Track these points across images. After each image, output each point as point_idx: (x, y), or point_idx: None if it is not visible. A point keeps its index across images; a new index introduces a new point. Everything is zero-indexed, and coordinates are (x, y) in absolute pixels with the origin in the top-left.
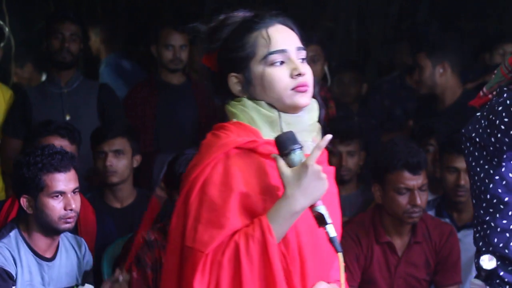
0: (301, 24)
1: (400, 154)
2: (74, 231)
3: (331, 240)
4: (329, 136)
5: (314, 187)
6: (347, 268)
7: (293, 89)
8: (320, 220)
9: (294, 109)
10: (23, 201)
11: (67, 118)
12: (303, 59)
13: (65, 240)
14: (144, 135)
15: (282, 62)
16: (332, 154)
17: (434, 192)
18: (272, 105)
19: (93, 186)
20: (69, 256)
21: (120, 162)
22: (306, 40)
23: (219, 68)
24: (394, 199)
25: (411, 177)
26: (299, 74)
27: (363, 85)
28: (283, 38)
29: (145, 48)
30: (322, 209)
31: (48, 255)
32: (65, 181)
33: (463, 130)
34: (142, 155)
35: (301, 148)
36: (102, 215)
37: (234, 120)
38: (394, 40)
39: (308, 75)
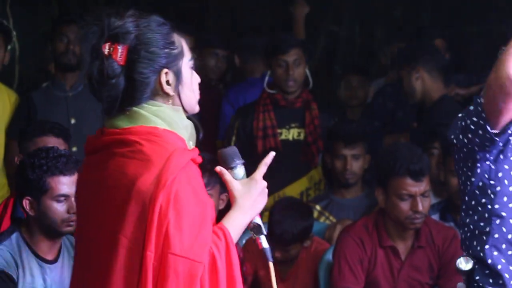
0: (305, 27)
1: (403, 160)
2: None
3: (264, 250)
4: (272, 153)
5: (260, 201)
6: (351, 271)
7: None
8: (258, 230)
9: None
10: (26, 203)
11: (72, 121)
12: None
13: (67, 243)
14: None
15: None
16: (337, 158)
17: (438, 196)
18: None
19: None
20: (71, 259)
21: None
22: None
23: (145, 63)
24: (396, 205)
25: (413, 183)
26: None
27: (370, 89)
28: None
29: None
30: (258, 220)
31: (50, 257)
32: (69, 184)
33: (448, 134)
34: None
35: (243, 163)
36: None
37: (161, 127)
38: (398, 44)
39: None
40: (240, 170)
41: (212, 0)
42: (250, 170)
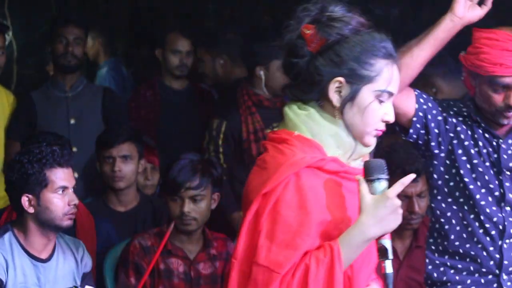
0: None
1: (398, 161)
2: (72, 235)
3: (385, 275)
4: (412, 175)
5: (389, 220)
6: None
7: (375, 129)
8: (383, 253)
9: (365, 144)
10: (24, 200)
11: (72, 122)
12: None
13: (62, 242)
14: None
15: (384, 101)
16: None
17: None
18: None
19: (94, 190)
20: (66, 258)
21: (128, 167)
22: None
23: (327, 62)
24: None
25: (409, 184)
26: (386, 121)
27: None
28: (397, 82)
29: (148, 51)
30: (387, 243)
31: (44, 256)
32: (67, 176)
33: None
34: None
35: (387, 179)
36: (100, 218)
37: (296, 132)
38: (396, 43)
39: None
40: (380, 185)
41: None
42: (240, 175)
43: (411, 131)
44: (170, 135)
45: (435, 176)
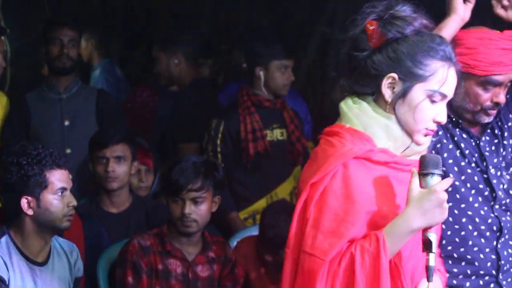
0: (297, 29)
1: None
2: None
3: (428, 268)
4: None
5: (433, 213)
6: None
7: (425, 128)
8: (427, 246)
9: (416, 142)
10: (23, 202)
11: (66, 123)
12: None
13: (57, 245)
14: (143, 139)
15: (437, 102)
16: None
17: None
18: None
19: (88, 191)
20: (61, 261)
21: (121, 168)
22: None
23: (384, 58)
24: None
25: None
26: (437, 122)
27: None
28: (451, 85)
29: (143, 52)
30: (432, 236)
31: (40, 259)
32: (66, 177)
33: None
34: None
35: (441, 175)
36: (90, 220)
37: (348, 125)
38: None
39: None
40: (432, 180)
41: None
42: (238, 175)
43: None
44: (166, 137)
45: None
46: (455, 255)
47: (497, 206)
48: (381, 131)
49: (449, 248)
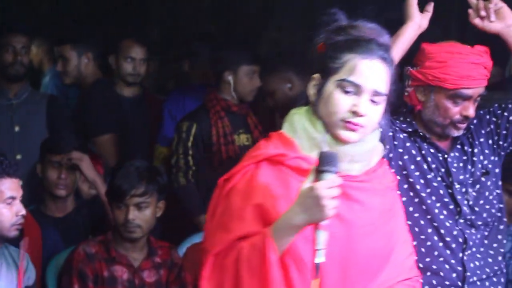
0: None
1: None
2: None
3: (315, 264)
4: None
5: (313, 210)
6: None
7: (343, 121)
8: (316, 243)
9: (340, 140)
10: None
11: (16, 129)
12: (374, 101)
13: (7, 254)
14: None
15: (353, 93)
16: None
17: None
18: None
19: (37, 197)
20: (9, 270)
21: (72, 176)
22: None
23: (317, 63)
24: None
25: None
26: (355, 113)
27: None
28: (367, 75)
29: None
30: (320, 234)
31: None
32: (16, 186)
33: None
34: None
35: (335, 172)
36: (46, 227)
37: (281, 130)
38: None
39: (366, 118)
40: (325, 178)
41: (154, 7)
42: (208, 178)
43: None
44: (121, 143)
45: None
46: (420, 265)
47: (461, 221)
48: (305, 140)
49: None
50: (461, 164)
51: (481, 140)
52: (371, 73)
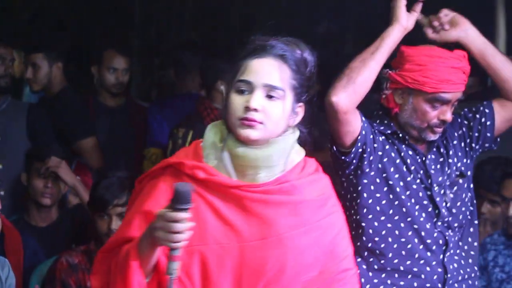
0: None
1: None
2: (1, 253)
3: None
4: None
5: (159, 235)
6: None
7: (240, 119)
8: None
9: (242, 139)
10: None
11: None
12: (271, 96)
13: None
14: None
15: (247, 92)
16: None
17: None
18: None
19: (20, 206)
20: None
21: (58, 186)
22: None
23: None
24: None
25: None
26: (247, 108)
27: None
28: (258, 71)
29: (77, 68)
30: (171, 264)
31: None
32: None
33: None
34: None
35: (187, 209)
36: (27, 236)
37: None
38: None
39: (263, 114)
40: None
41: (138, 14)
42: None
43: (353, 150)
44: (105, 153)
45: (364, 195)
46: (401, 268)
47: (439, 223)
48: (209, 147)
49: (396, 261)
50: (438, 166)
51: (455, 142)
52: (261, 69)
